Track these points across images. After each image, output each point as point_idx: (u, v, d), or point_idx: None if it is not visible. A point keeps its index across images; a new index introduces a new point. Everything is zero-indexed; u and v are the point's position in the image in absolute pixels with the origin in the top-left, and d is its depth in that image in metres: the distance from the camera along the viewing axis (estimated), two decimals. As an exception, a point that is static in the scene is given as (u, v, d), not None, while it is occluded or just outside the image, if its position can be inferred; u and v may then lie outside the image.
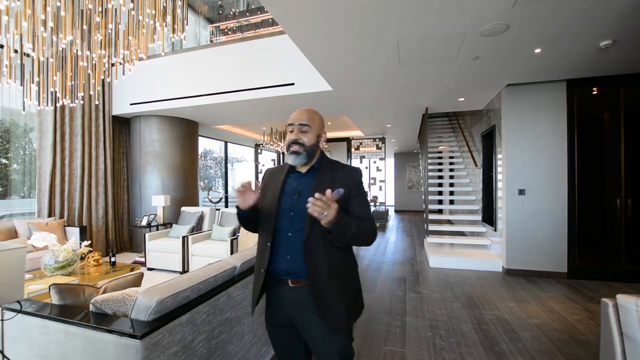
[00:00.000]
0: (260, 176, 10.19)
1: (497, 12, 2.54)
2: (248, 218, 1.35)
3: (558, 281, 4.18)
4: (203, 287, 1.66)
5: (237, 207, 1.34)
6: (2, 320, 1.34)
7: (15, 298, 1.07)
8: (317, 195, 1.09)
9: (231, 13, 7.45)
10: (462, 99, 5.17)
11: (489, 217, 5.35)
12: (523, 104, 4.50)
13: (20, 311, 1.24)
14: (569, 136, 4.31)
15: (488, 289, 3.96)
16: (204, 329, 1.60)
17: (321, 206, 1.09)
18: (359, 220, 1.23)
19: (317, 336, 1.25)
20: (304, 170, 1.34)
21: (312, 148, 1.31)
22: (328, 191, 1.11)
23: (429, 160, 7.87)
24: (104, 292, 1.69)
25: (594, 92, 4.31)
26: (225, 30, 7.47)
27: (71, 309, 1.51)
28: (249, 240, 3.33)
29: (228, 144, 10.51)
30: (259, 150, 11.09)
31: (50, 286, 1.57)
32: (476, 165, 6.19)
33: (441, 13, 2.55)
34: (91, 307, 1.43)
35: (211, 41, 7.64)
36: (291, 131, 1.32)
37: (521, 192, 4.46)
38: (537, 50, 3.30)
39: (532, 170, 4.45)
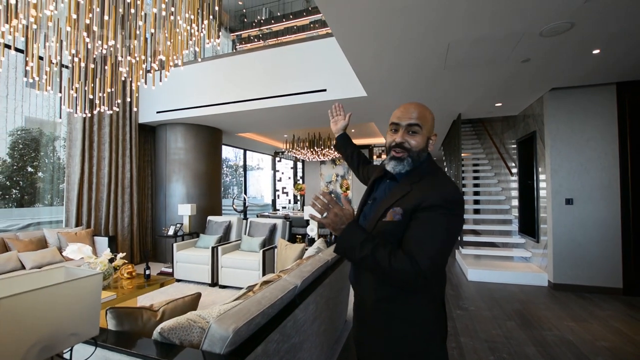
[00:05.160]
0: (280, 184, 10.06)
1: (566, 9, 2.36)
2: (342, 144, 1.62)
3: (613, 298, 3.88)
4: (272, 311, 1.49)
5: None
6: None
7: (92, 334, 0.91)
8: (322, 192, 1.00)
9: (255, 21, 7.44)
10: (500, 104, 4.95)
11: (529, 227, 5.07)
12: (568, 109, 4.26)
13: (98, 345, 1.09)
14: (620, 142, 4.05)
15: (538, 305, 3.69)
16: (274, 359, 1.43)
17: (321, 205, 0.96)
18: (384, 249, 0.91)
19: None
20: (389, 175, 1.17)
21: (419, 154, 1.07)
22: (343, 198, 1.03)
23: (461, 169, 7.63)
24: (162, 316, 1.54)
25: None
26: (250, 38, 7.45)
27: (131, 336, 1.36)
28: (289, 253, 3.16)
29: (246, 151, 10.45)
30: (278, 158, 10.98)
31: (107, 310, 1.42)
32: (511, 173, 5.92)
33: (505, 12, 2.37)
34: (157, 336, 1.27)
35: (235, 49, 7.62)
36: (394, 130, 1.09)
37: (569, 201, 4.20)
38: (596, 51, 3.09)
39: (580, 179, 4.18)
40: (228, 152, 10.93)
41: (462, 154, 8.66)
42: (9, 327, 0.70)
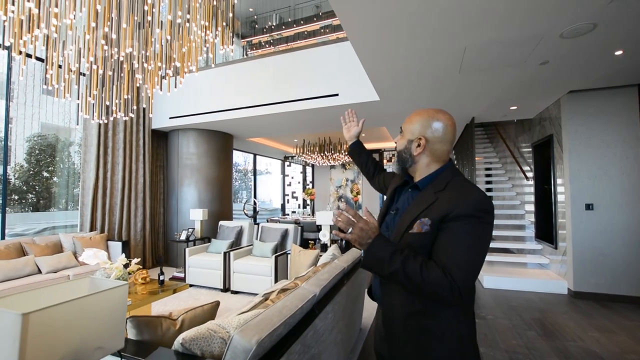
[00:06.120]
0: (289, 189, 10.08)
1: (589, 10, 2.29)
2: (356, 152, 1.61)
3: None
4: (292, 321, 1.45)
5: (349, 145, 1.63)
6: None
7: (117, 347, 0.89)
8: (344, 206, 0.99)
9: (266, 27, 7.49)
10: (515, 108, 4.86)
11: (546, 233, 4.94)
12: (587, 111, 4.15)
13: (124, 355, 1.07)
14: (643, 145, 3.93)
15: (559, 314, 3.57)
16: (295, 371, 1.39)
17: (345, 221, 0.92)
18: (415, 261, 0.88)
19: None
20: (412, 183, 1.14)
21: (401, 154, 1.13)
22: (365, 210, 1.05)
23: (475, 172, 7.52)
24: (181, 325, 1.52)
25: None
26: (261, 44, 7.50)
27: (151, 346, 1.34)
28: (303, 259, 3.12)
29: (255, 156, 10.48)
30: (288, 163, 10.99)
31: (127, 319, 1.41)
32: (526, 177, 5.80)
33: (526, 14, 2.32)
34: (179, 347, 1.24)
35: (245, 55, 7.68)
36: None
37: (589, 207, 4.07)
38: (618, 53, 3.01)
39: (601, 183, 4.06)
40: (237, 157, 10.99)
41: (475, 158, 8.53)
42: (38, 342, 0.68)
